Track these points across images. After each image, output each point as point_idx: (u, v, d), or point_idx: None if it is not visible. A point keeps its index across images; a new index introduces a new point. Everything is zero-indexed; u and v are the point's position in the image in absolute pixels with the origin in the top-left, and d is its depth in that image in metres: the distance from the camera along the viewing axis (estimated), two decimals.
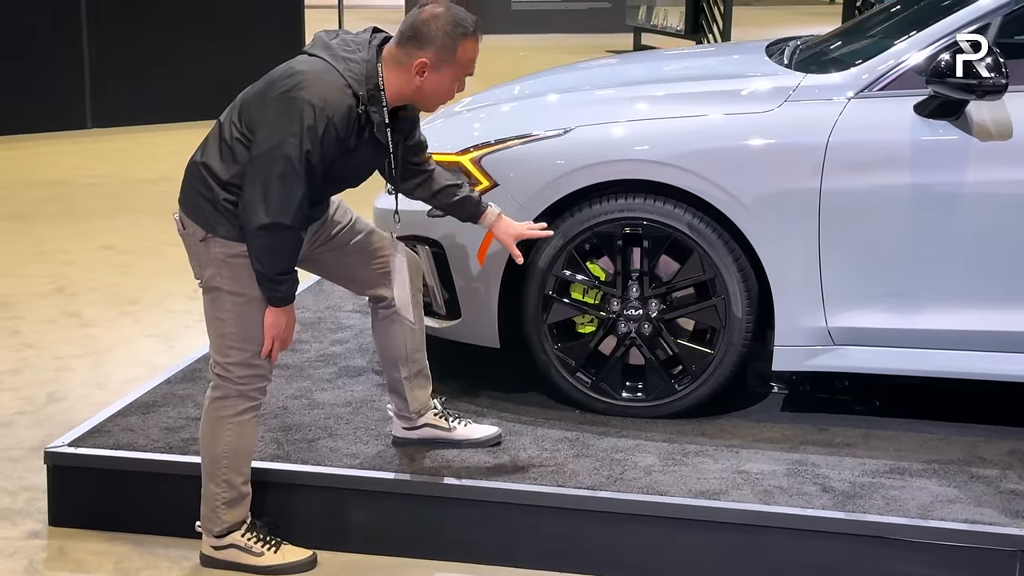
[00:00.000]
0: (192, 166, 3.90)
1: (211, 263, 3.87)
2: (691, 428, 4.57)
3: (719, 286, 4.53)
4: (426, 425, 4.37)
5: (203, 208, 3.85)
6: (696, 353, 4.61)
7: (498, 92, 5.41)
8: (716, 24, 16.26)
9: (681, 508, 3.99)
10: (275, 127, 3.71)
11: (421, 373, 4.33)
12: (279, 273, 3.80)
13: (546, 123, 4.68)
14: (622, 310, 4.61)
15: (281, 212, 3.70)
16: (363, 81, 3.79)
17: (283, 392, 4.84)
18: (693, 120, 4.55)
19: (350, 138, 3.79)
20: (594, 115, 4.67)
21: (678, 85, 4.88)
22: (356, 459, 4.27)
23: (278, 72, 3.82)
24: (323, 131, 3.70)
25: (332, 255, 4.14)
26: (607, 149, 4.56)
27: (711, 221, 4.50)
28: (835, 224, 4.41)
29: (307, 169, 3.71)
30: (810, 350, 4.52)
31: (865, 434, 4.53)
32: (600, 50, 17.83)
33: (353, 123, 3.78)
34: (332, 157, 3.77)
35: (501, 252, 4.59)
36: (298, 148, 3.68)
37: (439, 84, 3.85)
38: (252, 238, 3.75)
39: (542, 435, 4.50)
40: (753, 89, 4.61)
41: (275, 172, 3.69)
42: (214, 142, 3.87)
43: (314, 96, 3.70)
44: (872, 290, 4.47)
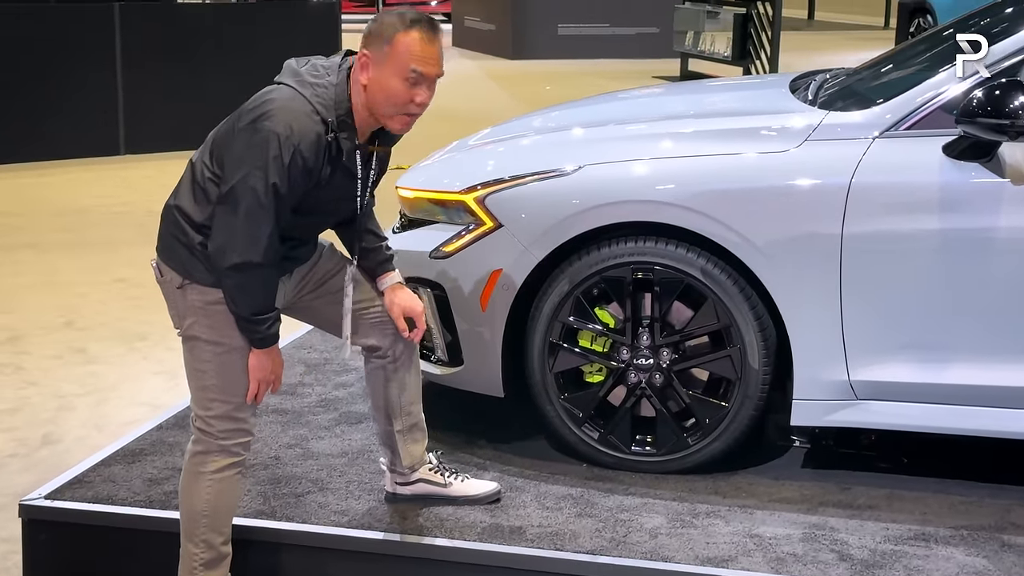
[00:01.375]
0: (167, 210, 3.70)
1: (189, 311, 3.67)
2: (704, 486, 4.31)
3: (734, 335, 4.27)
4: (421, 480, 4.14)
5: (179, 253, 3.65)
6: (710, 406, 4.35)
7: (515, 125, 5.19)
8: (764, 50, 15.97)
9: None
10: (241, 160, 3.50)
11: (416, 427, 4.10)
12: (255, 313, 3.58)
13: (553, 160, 4.45)
14: (632, 359, 4.37)
15: (250, 249, 3.49)
16: (332, 107, 3.58)
17: (278, 440, 4.63)
18: (707, 159, 4.31)
19: (321, 168, 3.57)
20: (603, 153, 4.43)
21: (693, 122, 4.64)
22: (345, 516, 4.04)
23: (246, 104, 3.62)
24: (290, 161, 3.49)
25: (321, 302, 3.92)
26: (616, 189, 4.32)
27: (726, 266, 4.25)
28: (857, 271, 4.15)
29: (275, 202, 3.49)
30: (831, 404, 4.25)
31: (889, 495, 4.25)
32: (646, 76, 17.61)
33: (323, 152, 3.56)
34: (302, 189, 3.55)
35: (505, 296, 4.37)
36: (263, 180, 3.47)
37: (383, 83, 3.57)
38: (224, 279, 3.55)
39: (544, 492, 4.25)
40: (771, 127, 4.36)
41: (242, 208, 3.48)
42: (187, 184, 3.66)
43: (279, 124, 3.49)
44: (897, 341, 4.19)
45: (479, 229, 4.43)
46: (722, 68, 16.67)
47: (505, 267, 4.37)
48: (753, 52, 16.22)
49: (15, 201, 9.71)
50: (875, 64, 5.15)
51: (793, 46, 19.61)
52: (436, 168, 4.82)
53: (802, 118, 4.35)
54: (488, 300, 4.42)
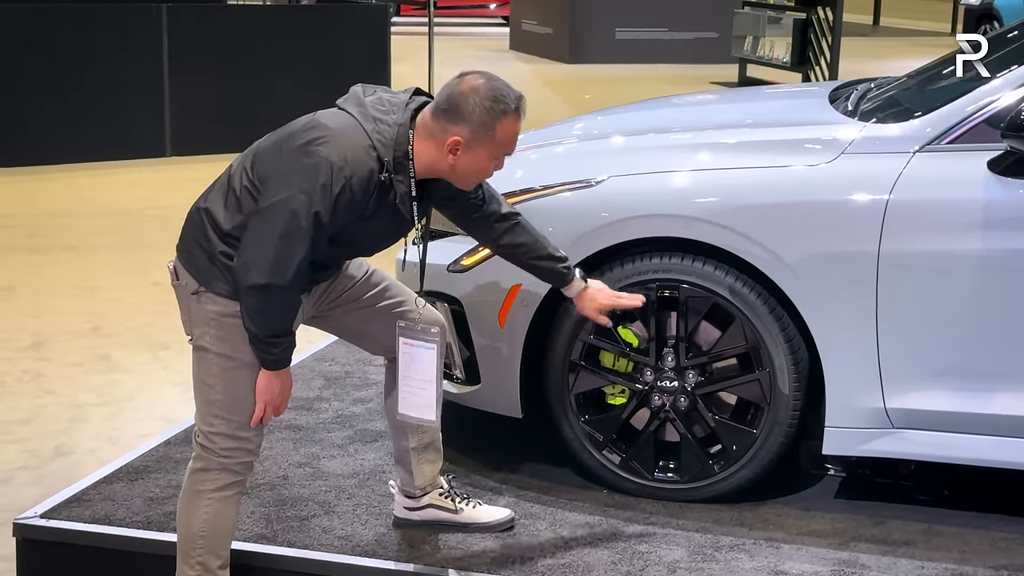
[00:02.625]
0: (194, 212, 3.54)
1: (202, 320, 3.50)
2: (729, 516, 4.10)
3: (764, 358, 4.05)
4: (430, 506, 3.95)
5: (198, 259, 3.49)
6: (737, 431, 4.13)
7: (554, 130, 4.97)
8: (824, 56, 15.65)
9: None
10: (286, 180, 3.34)
11: (432, 446, 3.91)
12: (271, 335, 3.41)
13: (579, 171, 4.25)
14: (656, 381, 4.16)
15: (278, 272, 3.33)
16: (391, 146, 3.42)
17: (288, 459, 4.46)
18: (737, 173, 4.09)
19: (368, 203, 3.41)
20: (629, 164, 4.22)
21: (724, 133, 4.41)
22: (349, 542, 3.86)
23: (300, 122, 3.46)
24: (338, 192, 3.33)
25: (343, 311, 3.75)
26: (641, 202, 4.11)
27: (755, 285, 4.03)
28: (895, 292, 3.91)
29: (314, 230, 3.34)
30: (866, 433, 4.02)
31: (927, 530, 4.02)
32: (704, 81, 17.34)
33: (374, 188, 3.41)
34: (344, 221, 3.40)
35: (524, 312, 4.17)
36: (307, 206, 3.31)
37: (475, 164, 3.49)
38: (245, 296, 3.38)
39: (561, 519, 4.05)
40: (805, 140, 4.13)
41: (278, 228, 3.32)
42: (220, 189, 3.51)
43: (334, 153, 3.34)
44: (937, 367, 3.96)
45: None
46: (781, 74, 16.38)
47: (524, 282, 4.17)
48: (813, 58, 15.91)
49: (59, 202, 9.63)
50: (923, 72, 4.91)
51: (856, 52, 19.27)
52: None
53: (838, 131, 4.13)
54: (507, 316, 4.22)
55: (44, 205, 9.49)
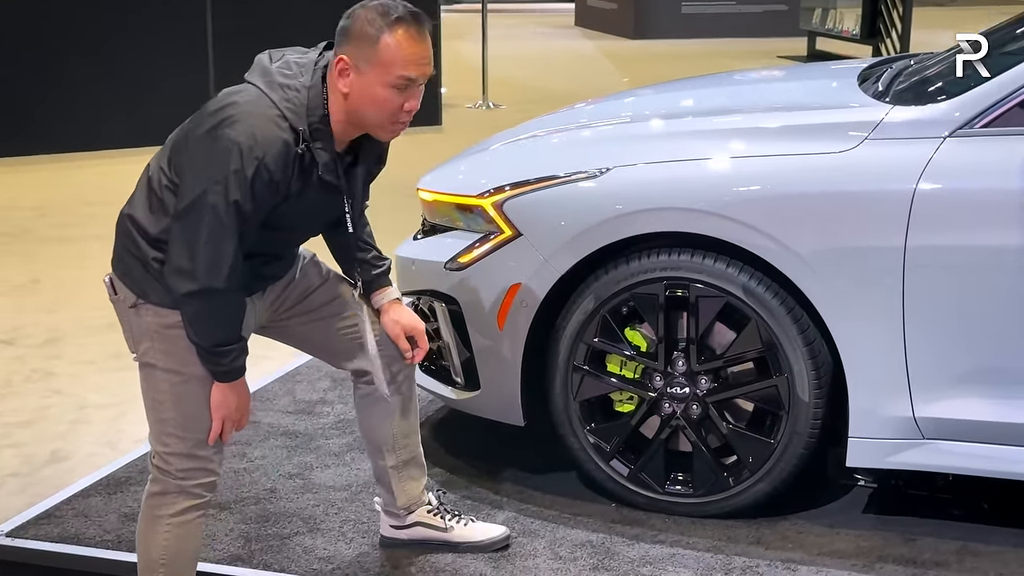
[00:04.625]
0: (120, 219, 3.28)
1: (144, 335, 3.25)
2: (745, 533, 3.78)
3: (781, 362, 3.73)
4: (418, 524, 3.68)
5: (132, 269, 3.23)
6: (753, 441, 3.82)
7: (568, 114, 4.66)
8: (895, 28, 15.13)
9: None
10: (199, 172, 3.07)
11: (412, 462, 3.64)
12: (217, 344, 3.15)
13: (582, 160, 3.94)
14: (666, 387, 3.85)
15: (211, 274, 3.06)
16: (303, 113, 3.12)
17: (279, 468, 4.20)
18: (752, 161, 3.77)
19: (291, 182, 3.12)
20: (637, 152, 3.91)
21: (737, 119, 4.08)
22: (330, 564, 3.60)
23: (209, 105, 3.18)
24: (253, 175, 3.04)
25: (301, 321, 3.48)
26: (649, 195, 3.80)
27: (772, 283, 3.71)
28: (923, 290, 3.58)
29: (238, 222, 3.05)
30: (893, 444, 3.69)
31: (961, 549, 3.68)
32: (771, 56, 16.90)
33: (293, 164, 3.11)
34: (270, 204, 3.11)
35: (524, 313, 3.88)
36: (224, 197, 3.03)
37: (367, 91, 3.12)
38: (181, 306, 3.12)
39: (561, 537, 3.76)
40: (827, 124, 3.79)
41: (201, 228, 3.05)
42: (142, 191, 3.24)
43: (242, 133, 3.04)
44: (970, 373, 3.62)
45: (497, 238, 3.95)
46: (851, 47, 15.88)
47: (524, 281, 3.89)
48: (883, 30, 15.39)
49: (95, 191, 9.45)
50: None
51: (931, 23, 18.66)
52: (460, 167, 4.34)
53: (862, 114, 3.78)
54: (506, 317, 3.94)
55: (80, 194, 9.32)
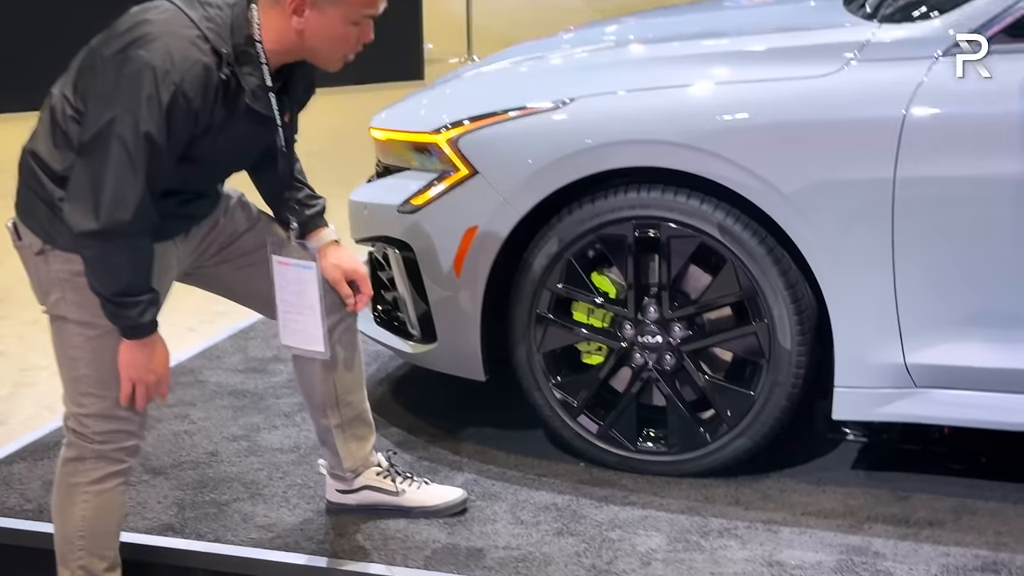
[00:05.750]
0: (22, 156, 2.96)
1: (54, 284, 2.93)
2: (723, 493, 3.49)
3: (761, 307, 3.43)
4: (366, 488, 3.38)
5: (38, 211, 2.91)
6: (732, 394, 3.52)
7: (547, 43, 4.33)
8: None
9: None
10: (107, 99, 2.75)
11: (358, 420, 3.33)
12: (120, 293, 2.82)
13: (545, 91, 3.62)
14: (636, 336, 3.55)
15: (115, 212, 2.73)
16: (227, 34, 2.81)
17: (223, 431, 3.91)
18: (727, 88, 3.46)
19: (213, 110, 2.80)
20: (602, 82, 3.59)
21: (714, 42, 3.76)
22: (270, 532, 3.31)
23: (118, 23, 2.84)
24: (169, 102, 2.72)
25: (229, 267, 3.17)
26: (615, 127, 3.49)
27: (750, 222, 3.41)
28: (914, 226, 3.27)
29: (149, 155, 2.73)
30: (883, 394, 3.39)
31: (958, 507, 3.38)
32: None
33: (215, 90, 2.79)
34: (188, 135, 2.79)
35: (483, 258, 3.58)
36: (134, 127, 2.71)
37: (326, 28, 2.84)
38: (81, 248, 2.80)
39: (524, 500, 3.47)
40: (808, 47, 3.47)
41: (107, 160, 2.73)
42: (45, 123, 2.91)
43: (156, 54, 2.73)
44: (965, 315, 3.32)
45: (452, 177, 3.64)
46: None
47: (482, 223, 3.58)
48: None
49: None
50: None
51: None
52: (417, 102, 4.02)
53: (846, 34, 3.47)
54: (463, 263, 3.63)
55: None
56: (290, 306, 3.08)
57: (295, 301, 3.07)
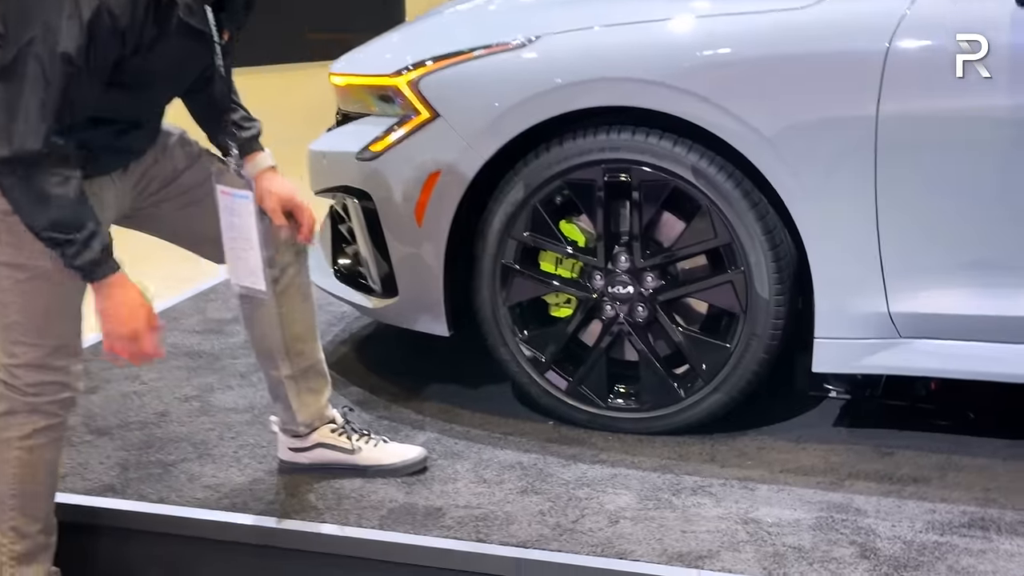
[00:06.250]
0: None
1: None
2: (698, 450, 3.31)
3: (737, 255, 3.25)
4: (320, 445, 3.20)
5: None
6: (707, 347, 3.34)
7: None
8: None
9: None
10: (26, 18, 2.54)
11: (311, 371, 3.15)
12: (49, 228, 2.60)
13: (509, 29, 3.44)
14: (607, 287, 3.37)
15: (28, 137, 2.53)
16: None
17: (174, 391, 3.72)
18: (699, 23, 3.28)
19: (143, 27, 2.60)
20: (570, 18, 3.41)
21: None
22: (217, 492, 3.12)
23: None
24: (91, 20, 2.52)
25: (171, 207, 2.97)
26: (582, 65, 3.30)
27: (725, 164, 3.23)
28: (898, 167, 3.10)
29: (66, 77, 2.53)
30: (865, 345, 3.22)
31: (944, 462, 3.21)
32: None
33: (145, 6, 2.59)
34: (115, 57, 2.60)
35: (445, 206, 3.40)
36: (51, 47, 2.51)
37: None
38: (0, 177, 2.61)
39: (488, 459, 3.29)
40: None
41: (23, 83, 2.53)
42: None
43: None
44: (953, 261, 3.14)
45: (412, 121, 3.46)
46: None
47: (444, 170, 3.40)
48: None
49: None
50: None
51: None
52: (380, 46, 3.84)
53: None
54: (425, 212, 3.45)
55: None
56: (233, 241, 2.89)
57: (237, 235, 2.88)
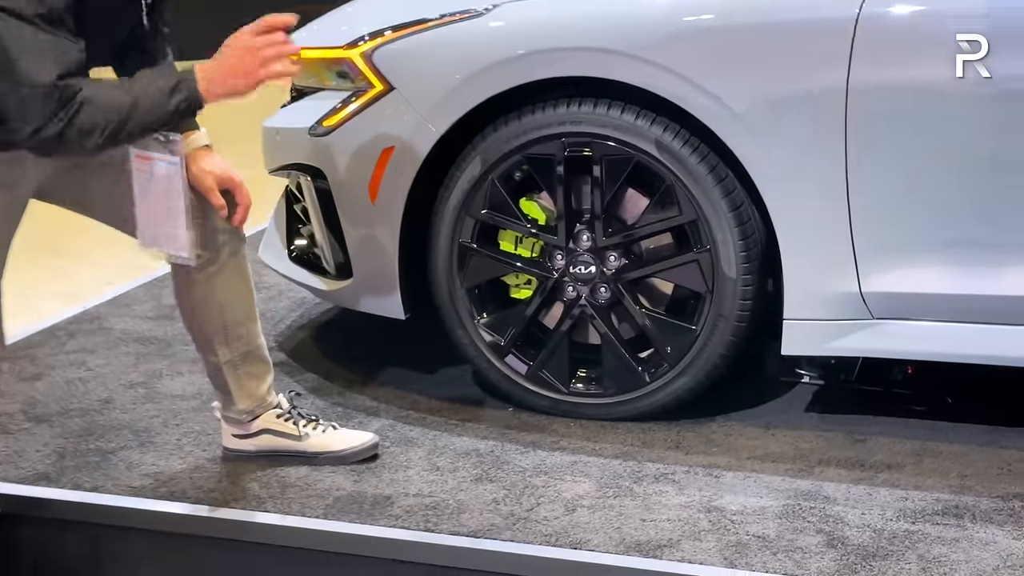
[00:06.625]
0: None
1: None
2: (663, 437, 3.17)
3: (703, 232, 3.11)
4: (265, 431, 3.05)
5: None
6: (672, 329, 3.20)
7: None
8: None
9: (594, 571, 2.60)
10: None
11: (251, 356, 3.01)
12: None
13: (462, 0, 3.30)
14: (568, 267, 3.23)
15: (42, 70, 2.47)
16: None
17: (121, 377, 3.58)
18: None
19: None
20: None
21: None
22: (155, 480, 2.98)
23: None
24: None
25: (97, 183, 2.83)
26: (543, 34, 3.16)
27: (691, 138, 3.09)
28: (870, 140, 2.96)
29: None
30: (836, 326, 3.08)
31: (919, 450, 3.07)
32: None
33: None
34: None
35: (400, 182, 3.26)
36: None
37: None
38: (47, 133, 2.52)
39: (444, 446, 3.15)
40: None
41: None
42: None
43: None
44: (928, 238, 3.01)
45: (366, 95, 3.32)
46: None
47: (398, 145, 3.26)
48: None
49: None
50: None
51: None
52: (337, 17, 3.70)
53: None
54: (379, 189, 3.31)
55: None
56: (152, 208, 2.74)
57: (158, 202, 2.74)
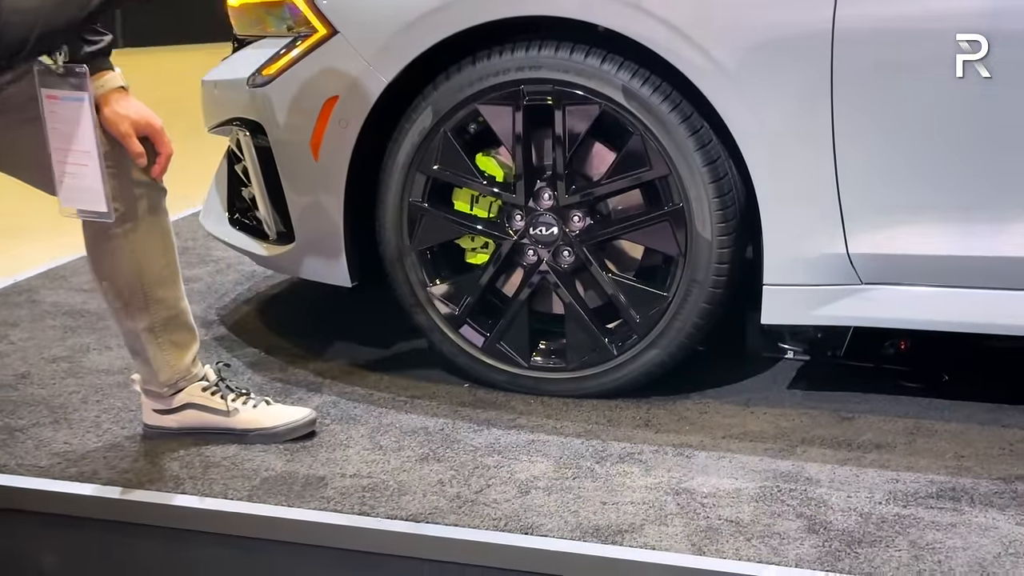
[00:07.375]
0: None
1: None
2: (631, 414, 2.89)
3: (674, 189, 2.83)
4: (189, 406, 2.76)
5: None
6: (641, 296, 2.91)
7: None
8: None
9: (536, 556, 2.31)
10: None
11: (174, 322, 2.72)
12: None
13: None
14: (528, 228, 2.94)
15: None
16: None
17: (44, 352, 3.30)
18: None
19: None
20: None
21: None
22: (64, 459, 2.70)
23: None
24: None
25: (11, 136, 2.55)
26: None
27: (661, 84, 2.80)
28: (859, 87, 2.68)
29: None
30: (822, 292, 2.80)
31: (912, 427, 2.79)
32: None
33: None
34: None
35: (345, 135, 2.98)
36: None
37: None
38: None
39: (388, 424, 2.86)
40: None
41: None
42: None
43: None
44: (922, 196, 2.73)
45: (308, 40, 3.04)
46: None
47: (342, 94, 2.99)
48: None
49: None
50: None
51: None
52: None
53: None
54: (321, 144, 3.03)
55: None
56: (64, 154, 2.46)
57: (68, 147, 2.45)
